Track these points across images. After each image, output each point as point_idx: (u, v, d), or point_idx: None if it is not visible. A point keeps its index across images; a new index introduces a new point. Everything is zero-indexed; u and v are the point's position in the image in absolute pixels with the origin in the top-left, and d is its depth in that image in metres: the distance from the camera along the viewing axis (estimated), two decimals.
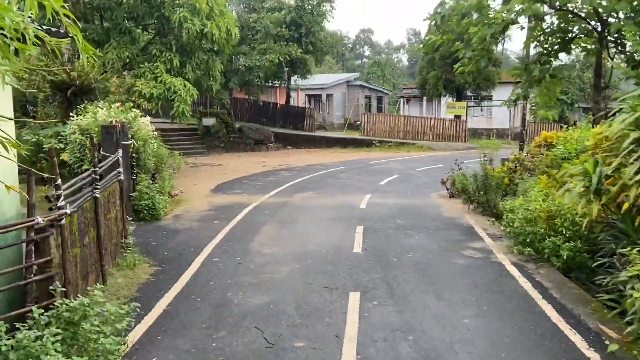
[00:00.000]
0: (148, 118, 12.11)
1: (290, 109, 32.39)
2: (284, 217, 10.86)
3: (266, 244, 8.71)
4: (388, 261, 7.77)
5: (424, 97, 39.22)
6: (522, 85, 10.83)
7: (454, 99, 32.59)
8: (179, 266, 7.49)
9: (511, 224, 8.42)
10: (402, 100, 44.37)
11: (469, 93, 33.12)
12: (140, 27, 17.04)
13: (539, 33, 10.74)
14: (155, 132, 11.88)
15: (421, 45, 10.04)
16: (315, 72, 35.36)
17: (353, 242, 8.80)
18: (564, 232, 7.58)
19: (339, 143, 29.41)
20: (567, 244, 7.44)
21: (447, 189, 13.55)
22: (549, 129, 32.80)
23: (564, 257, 7.34)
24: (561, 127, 31.25)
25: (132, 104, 11.62)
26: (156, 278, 6.99)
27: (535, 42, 10.97)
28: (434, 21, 9.54)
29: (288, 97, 31.76)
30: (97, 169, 6.34)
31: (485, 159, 13.63)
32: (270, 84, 28.93)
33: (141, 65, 15.43)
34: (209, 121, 25.87)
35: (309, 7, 25.29)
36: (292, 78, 29.39)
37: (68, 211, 5.09)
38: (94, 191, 6.28)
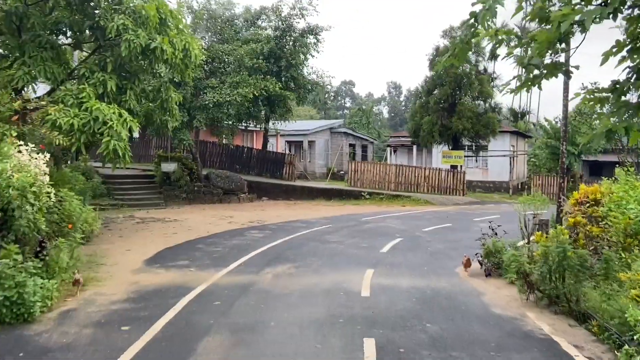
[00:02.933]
0: (41, 156, 8.03)
1: (268, 154, 28.59)
2: (243, 318, 6.66)
3: None
4: None
5: (414, 146, 36.10)
6: (616, 113, 6.82)
7: (450, 148, 29.36)
8: None
9: None
10: (389, 149, 41.26)
11: (465, 142, 29.98)
12: (71, 41, 13.26)
13: (630, 39, 6.77)
14: (46, 177, 7.73)
15: (455, 46, 6.01)
16: (296, 117, 32.04)
17: None
18: None
19: (323, 194, 25.53)
20: None
21: (481, 264, 9.59)
22: (552, 182, 29.68)
23: None
24: (570, 180, 28.15)
25: (11, 133, 7.52)
26: None
27: (623, 53, 6.90)
28: (486, 5, 5.65)
29: (265, 140, 28.03)
30: None
31: (535, 221, 9.86)
32: (244, 126, 25.22)
33: (61, 87, 11.51)
34: (169, 167, 21.73)
35: (291, 38, 22.07)
36: (270, 120, 25.79)
37: None
38: None
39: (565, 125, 12.96)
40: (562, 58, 7.29)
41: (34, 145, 8.42)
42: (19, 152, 7.84)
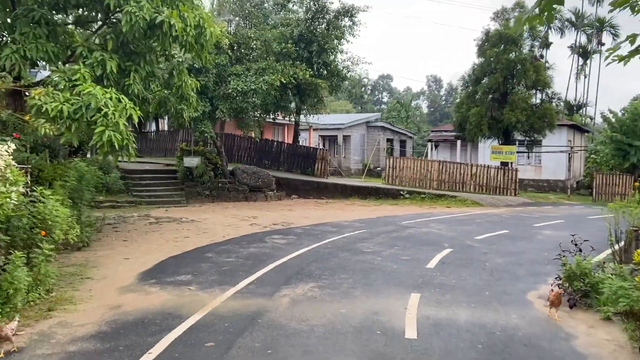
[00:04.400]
0: (3, 148, 6.40)
1: (298, 149, 26.71)
2: None
3: None
4: None
5: (458, 141, 33.38)
6: None
7: (500, 142, 26.60)
8: None
9: None
10: (430, 144, 38.62)
11: (517, 136, 27.09)
12: (71, 17, 11.76)
13: None
14: (12, 174, 6.08)
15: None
16: (331, 110, 30.03)
17: None
18: None
19: (358, 192, 23.44)
20: None
21: (564, 292, 7.31)
22: (618, 182, 26.38)
23: None
24: (638, 179, 24.87)
25: None
26: None
27: None
28: None
29: (296, 134, 26.15)
30: None
31: (637, 236, 7.48)
32: (272, 118, 23.41)
33: (52, 69, 9.95)
34: (191, 161, 20.18)
35: (324, 20, 20.00)
36: (301, 112, 23.87)
37: None
38: None
39: None
40: None
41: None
42: None
